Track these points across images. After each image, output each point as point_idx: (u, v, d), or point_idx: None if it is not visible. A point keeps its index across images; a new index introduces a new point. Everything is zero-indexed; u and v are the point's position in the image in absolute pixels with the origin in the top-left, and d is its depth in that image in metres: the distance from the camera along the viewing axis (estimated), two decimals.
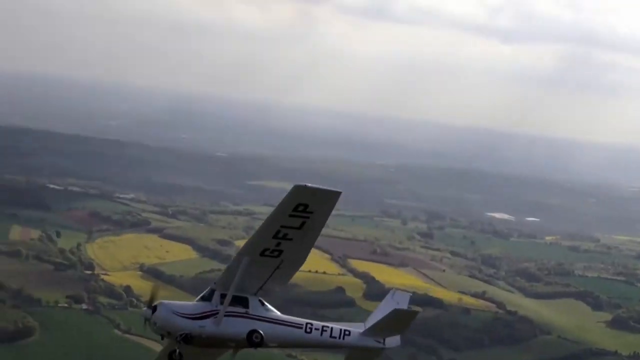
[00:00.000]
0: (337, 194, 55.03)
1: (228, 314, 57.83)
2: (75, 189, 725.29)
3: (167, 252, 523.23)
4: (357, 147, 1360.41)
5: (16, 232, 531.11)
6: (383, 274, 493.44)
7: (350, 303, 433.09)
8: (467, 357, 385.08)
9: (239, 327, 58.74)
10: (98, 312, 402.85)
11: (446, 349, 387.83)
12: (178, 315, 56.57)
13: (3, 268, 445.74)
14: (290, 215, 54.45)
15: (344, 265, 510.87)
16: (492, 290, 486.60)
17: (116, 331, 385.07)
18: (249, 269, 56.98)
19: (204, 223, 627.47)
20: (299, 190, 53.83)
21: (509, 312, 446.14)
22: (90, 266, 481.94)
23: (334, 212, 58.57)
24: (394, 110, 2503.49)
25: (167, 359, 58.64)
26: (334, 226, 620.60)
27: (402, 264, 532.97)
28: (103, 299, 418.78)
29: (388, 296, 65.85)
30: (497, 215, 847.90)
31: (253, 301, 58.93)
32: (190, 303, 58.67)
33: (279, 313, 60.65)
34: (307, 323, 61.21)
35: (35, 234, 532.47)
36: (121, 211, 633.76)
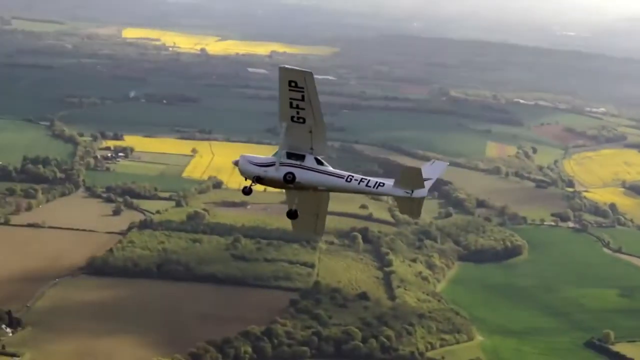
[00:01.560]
0: (309, 73, 70.34)
1: (286, 164, 76.92)
2: (543, 103, 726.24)
3: None
4: None
5: (492, 149, 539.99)
6: None
7: None
8: None
9: (286, 171, 77.80)
10: (585, 230, 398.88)
11: None
12: (252, 164, 77.51)
13: (484, 185, 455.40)
14: (290, 90, 70.96)
15: None
16: None
17: (605, 250, 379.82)
18: (291, 132, 74.65)
19: None
20: (281, 70, 70.59)
21: None
22: (570, 183, 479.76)
23: None
24: None
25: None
26: None
27: None
28: (588, 217, 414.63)
29: (428, 163, 78.58)
30: None
31: (309, 157, 76.75)
32: (262, 156, 78.47)
33: (331, 168, 77.75)
34: (349, 175, 77.50)
35: (510, 150, 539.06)
36: (595, 126, 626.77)
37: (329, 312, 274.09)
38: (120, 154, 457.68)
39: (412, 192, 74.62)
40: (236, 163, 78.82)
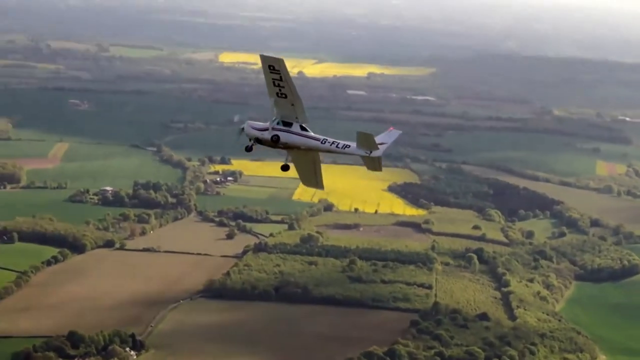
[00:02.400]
0: (281, 60, 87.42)
1: (276, 129, 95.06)
2: None
3: None
4: None
5: (602, 167, 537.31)
6: None
7: None
8: None
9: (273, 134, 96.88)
10: None
11: None
12: (253, 128, 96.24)
13: (597, 204, 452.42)
14: (271, 72, 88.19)
15: None
16: None
17: None
18: (280, 104, 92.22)
19: None
20: (261, 57, 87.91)
21: None
22: None
23: None
24: None
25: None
26: None
27: None
28: None
29: (387, 131, 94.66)
30: None
31: (295, 125, 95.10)
32: (261, 123, 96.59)
33: (312, 133, 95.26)
34: (324, 138, 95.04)
35: (620, 168, 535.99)
36: None
37: (450, 332, 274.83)
38: (229, 178, 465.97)
39: (371, 152, 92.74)
40: (242, 128, 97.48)
